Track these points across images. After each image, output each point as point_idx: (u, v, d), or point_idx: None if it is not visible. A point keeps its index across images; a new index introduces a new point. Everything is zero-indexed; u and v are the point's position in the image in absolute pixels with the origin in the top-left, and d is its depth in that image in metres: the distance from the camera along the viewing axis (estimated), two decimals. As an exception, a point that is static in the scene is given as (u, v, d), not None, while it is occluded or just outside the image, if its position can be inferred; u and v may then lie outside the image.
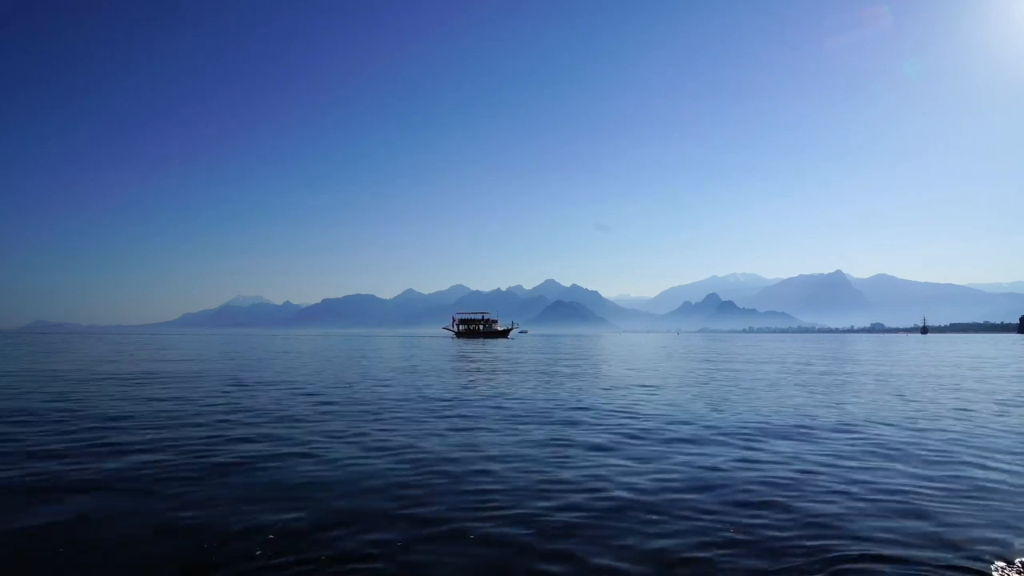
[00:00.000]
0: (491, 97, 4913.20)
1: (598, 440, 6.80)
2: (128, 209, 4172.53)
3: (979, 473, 5.42)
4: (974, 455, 6.15)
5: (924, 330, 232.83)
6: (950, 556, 3.42)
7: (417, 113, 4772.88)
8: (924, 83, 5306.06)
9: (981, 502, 4.51)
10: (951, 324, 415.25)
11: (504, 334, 75.18)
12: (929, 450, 6.40)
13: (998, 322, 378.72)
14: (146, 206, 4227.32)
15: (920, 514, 4.21)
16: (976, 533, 3.80)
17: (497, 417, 8.49)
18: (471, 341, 55.48)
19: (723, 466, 5.58)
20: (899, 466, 5.65)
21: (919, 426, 7.91)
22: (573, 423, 7.99)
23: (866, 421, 8.25)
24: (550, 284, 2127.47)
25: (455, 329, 75.51)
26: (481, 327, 74.01)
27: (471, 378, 15.07)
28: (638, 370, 18.41)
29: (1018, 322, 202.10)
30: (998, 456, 6.14)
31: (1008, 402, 10.70)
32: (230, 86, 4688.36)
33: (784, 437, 7.00)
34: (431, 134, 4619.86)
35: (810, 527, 3.86)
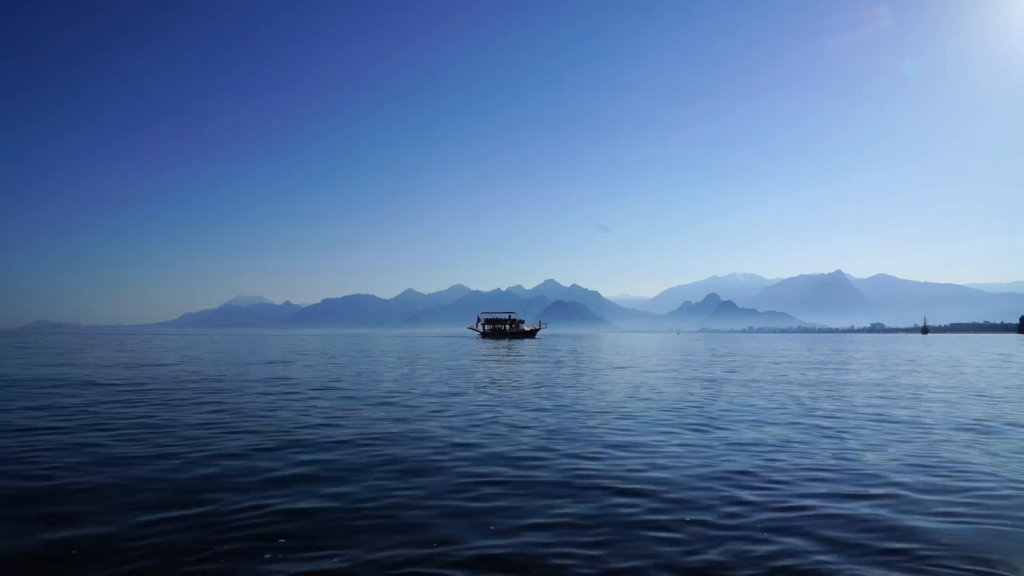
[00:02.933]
0: (491, 97, 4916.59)
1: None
2: (128, 209, 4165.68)
3: None
4: None
5: (925, 330, 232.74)
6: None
7: (417, 113, 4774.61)
8: (924, 83, 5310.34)
9: None
10: (951, 324, 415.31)
11: (531, 334, 73.50)
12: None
13: (998, 322, 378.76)
14: (146, 206, 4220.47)
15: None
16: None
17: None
18: (498, 342, 53.47)
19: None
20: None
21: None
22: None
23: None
24: (550, 284, 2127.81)
25: (480, 329, 73.95)
26: (507, 327, 72.16)
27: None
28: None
29: (1018, 322, 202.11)
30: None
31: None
32: (230, 86, 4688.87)
33: None
34: (431, 134, 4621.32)
35: None
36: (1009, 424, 8.26)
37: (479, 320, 74.67)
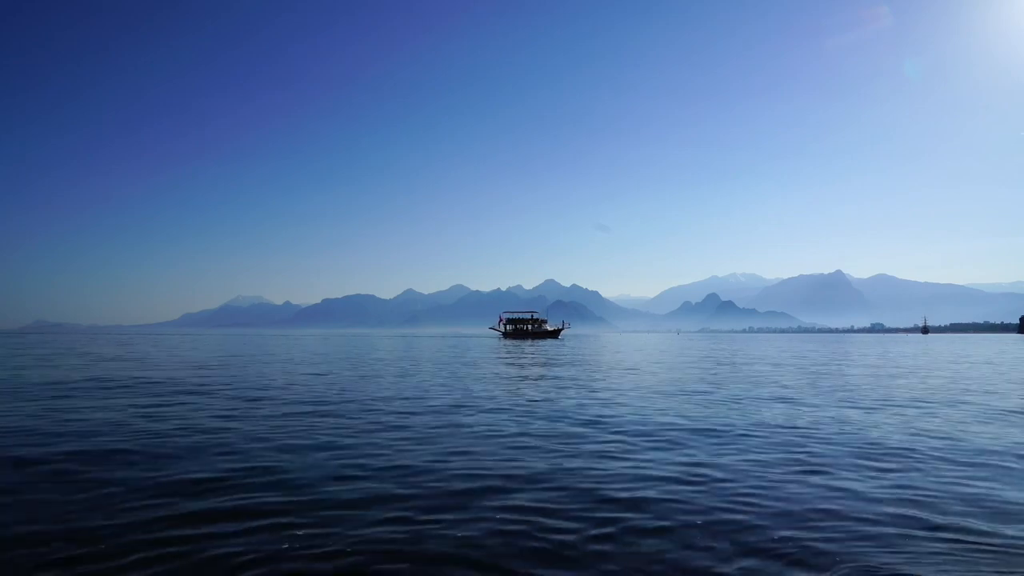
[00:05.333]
0: (491, 97, 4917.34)
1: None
2: (128, 209, 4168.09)
3: None
4: None
5: (925, 330, 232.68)
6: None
7: (417, 113, 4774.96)
8: (924, 83, 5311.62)
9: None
10: (951, 324, 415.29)
11: (555, 334, 72.16)
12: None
13: (998, 322, 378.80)
14: (146, 206, 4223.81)
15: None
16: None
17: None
18: (522, 342, 51.67)
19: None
20: None
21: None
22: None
23: None
24: (550, 284, 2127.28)
25: (502, 329, 72.56)
26: (530, 327, 70.97)
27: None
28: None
29: (1018, 322, 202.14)
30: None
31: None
32: (230, 86, 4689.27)
33: None
34: (431, 134, 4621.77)
35: None
36: None
37: (501, 320, 73.47)
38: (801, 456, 6.05)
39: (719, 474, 5.27)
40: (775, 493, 4.65)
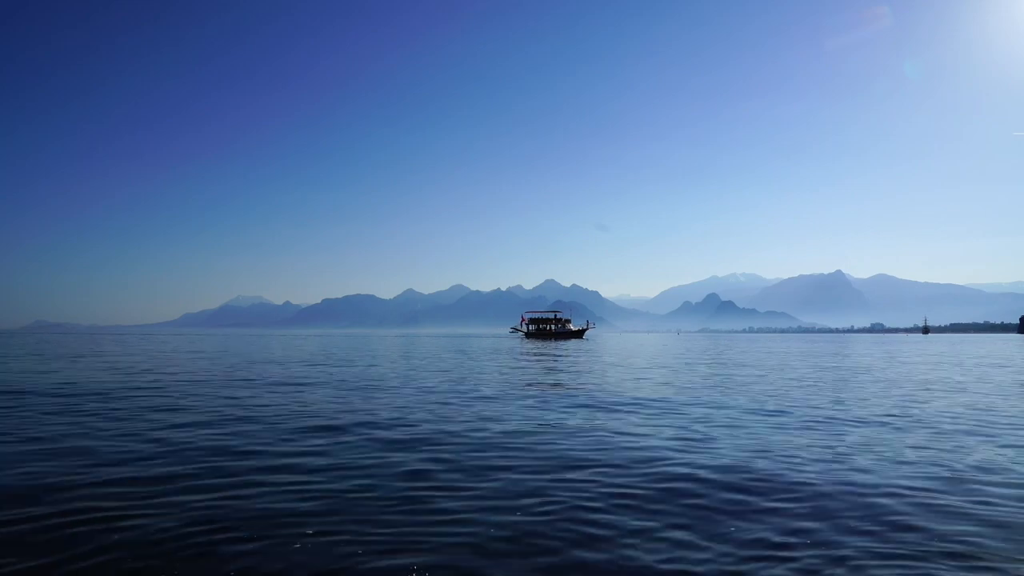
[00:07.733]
0: (491, 97, 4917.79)
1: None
2: (128, 209, 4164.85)
3: None
4: None
5: (925, 330, 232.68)
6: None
7: (417, 113, 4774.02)
8: (924, 83, 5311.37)
9: None
10: (951, 324, 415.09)
11: (579, 334, 70.68)
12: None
13: (998, 322, 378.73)
14: (146, 206, 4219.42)
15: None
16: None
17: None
18: (545, 343, 50.36)
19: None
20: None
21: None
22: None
23: None
24: (550, 284, 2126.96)
25: (524, 329, 71.46)
26: (553, 327, 69.63)
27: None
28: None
29: (1018, 322, 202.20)
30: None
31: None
32: (230, 86, 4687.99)
33: None
34: (431, 134, 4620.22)
35: None
36: None
37: (523, 320, 72.25)
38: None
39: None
40: None
